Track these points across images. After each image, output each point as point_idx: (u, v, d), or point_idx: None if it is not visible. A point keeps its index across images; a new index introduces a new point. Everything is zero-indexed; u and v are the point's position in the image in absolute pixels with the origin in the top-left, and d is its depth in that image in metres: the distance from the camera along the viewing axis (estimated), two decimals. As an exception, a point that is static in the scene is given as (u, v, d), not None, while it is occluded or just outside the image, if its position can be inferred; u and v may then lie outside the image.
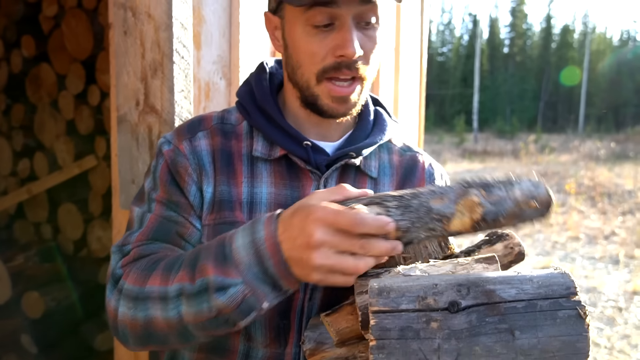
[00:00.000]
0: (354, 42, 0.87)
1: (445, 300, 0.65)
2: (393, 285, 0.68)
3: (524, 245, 0.87)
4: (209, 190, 0.96)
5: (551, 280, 0.65)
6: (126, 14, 1.41)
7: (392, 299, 0.66)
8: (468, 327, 0.63)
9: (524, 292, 0.64)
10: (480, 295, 0.64)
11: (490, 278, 0.67)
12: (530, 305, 0.63)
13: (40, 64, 3.03)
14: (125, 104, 1.44)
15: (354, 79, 0.92)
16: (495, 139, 29.19)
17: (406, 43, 2.47)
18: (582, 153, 19.94)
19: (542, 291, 0.63)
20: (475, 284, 0.65)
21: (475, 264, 0.75)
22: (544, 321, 0.62)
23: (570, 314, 0.62)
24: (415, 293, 0.66)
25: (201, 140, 1.00)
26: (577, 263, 6.49)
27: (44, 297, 2.79)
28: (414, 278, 0.69)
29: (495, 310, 0.63)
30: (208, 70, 1.50)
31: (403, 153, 1.10)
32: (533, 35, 53.03)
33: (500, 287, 0.65)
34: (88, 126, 2.90)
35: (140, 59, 1.39)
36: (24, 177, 3.16)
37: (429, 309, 0.65)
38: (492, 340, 0.62)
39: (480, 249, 0.87)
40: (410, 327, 0.64)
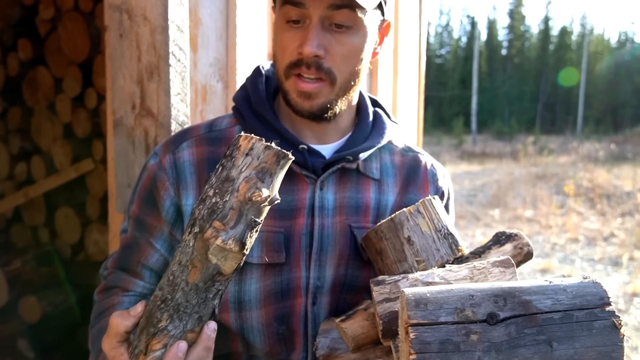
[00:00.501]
0: (312, 42, 0.90)
1: (483, 312, 0.64)
2: (430, 297, 0.67)
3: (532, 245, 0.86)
4: (188, 203, 0.96)
5: (585, 290, 0.65)
6: (122, 17, 1.40)
7: (430, 311, 0.65)
8: (507, 339, 0.63)
9: (559, 303, 0.64)
10: (518, 307, 0.64)
11: (525, 288, 0.67)
12: (566, 316, 0.63)
13: (37, 67, 3.02)
14: (121, 107, 1.43)
15: (321, 80, 0.94)
16: (493, 140, 29.19)
17: (404, 45, 2.47)
18: (581, 154, 19.94)
19: (577, 301, 0.64)
20: (511, 295, 0.66)
21: (492, 267, 0.76)
22: (581, 332, 0.63)
23: (606, 324, 0.63)
24: (453, 305, 0.66)
25: (184, 151, 1.00)
26: (577, 265, 6.48)
27: (41, 301, 2.77)
28: (451, 288, 0.68)
29: (533, 322, 0.63)
30: (205, 73, 1.49)
31: (405, 153, 1.10)
32: (531, 37, 53.10)
33: (536, 298, 0.65)
34: (85, 129, 2.89)
35: (137, 62, 1.38)
36: (21, 180, 3.15)
37: (468, 321, 0.64)
38: (531, 352, 0.63)
39: (490, 249, 0.87)
40: (450, 340, 0.64)
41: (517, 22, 51.80)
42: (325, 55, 0.92)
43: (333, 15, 0.90)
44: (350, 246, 0.97)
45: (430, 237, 0.89)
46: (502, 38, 53.35)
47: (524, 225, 8.53)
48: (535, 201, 10.38)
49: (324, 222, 0.97)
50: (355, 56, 0.94)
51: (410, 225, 0.89)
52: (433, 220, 0.90)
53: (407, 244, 0.88)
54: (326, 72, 0.93)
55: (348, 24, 0.91)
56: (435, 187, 1.07)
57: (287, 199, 0.97)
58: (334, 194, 0.99)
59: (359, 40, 0.93)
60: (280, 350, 0.96)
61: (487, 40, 52.52)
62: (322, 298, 0.96)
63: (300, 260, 0.95)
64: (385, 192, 1.03)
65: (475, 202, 10.45)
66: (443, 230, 0.90)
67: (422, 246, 0.88)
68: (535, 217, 9.12)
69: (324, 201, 0.98)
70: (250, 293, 0.94)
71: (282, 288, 0.95)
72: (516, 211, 9.52)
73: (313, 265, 0.95)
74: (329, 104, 0.95)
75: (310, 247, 0.95)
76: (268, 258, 0.94)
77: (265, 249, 0.94)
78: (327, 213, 0.98)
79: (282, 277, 0.95)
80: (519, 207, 9.90)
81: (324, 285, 0.96)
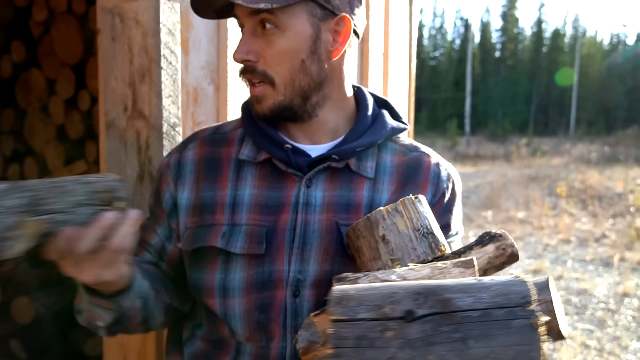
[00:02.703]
0: (240, 48, 0.98)
1: (402, 309, 0.65)
2: (353, 294, 0.68)
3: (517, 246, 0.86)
4: (184, 197, 1.07)
5: (509, 288, 0.64)
6: (114, 20, 1.42)
7: (350, 307, 0.67)
8: (422, 336, 0.63)
9: (480, 301, 0.63)
10: (437, 304, 0.64)
11: (449, 286, 0.67)
12: (485, 314, 0.63)
13: (30, 69, 3.03)
14: (113, 109, 1.44)
15: (262, 82, 0.99)
16: (487, 142, 29.31)
17: (395, 48, 2.49)
18: (574, 156, 20.07)
19: (498, 300, 0.63)
20: (433, 293, 0.66)
21: (453, 267, 0.75)
22: (498, 330, 0.62)
23: (525, 323, 0.61)
24: (374, 302, 0.66)
25: (190, 151, 1.10)
26: (568, 265, 6.53)
27: (33, 302, 2.78)
28: (377, 286, 0.70)
29: (451, 320, 0.63)
30: (196, 76, 1.51)
31: (407, 153, 1.09)
32: (524, 39, 53.38)
33: (457, 296, 0.65)
34: (78, 131, 2.90)
35: (129, 65, 1.40)
36: (14, 182, 3.15)
37: (385, 318, 0.65)
38: (445, 349, 0.62)
39: (471, 249, 0.85)
40: (366, 335, 0.65)
41: (510, 24, 52.08)
42: (259, 59, 0.97)
43: (258, 21, 0.95)
44: (337, 243, 1.00)
45: (407, 236, 0.89)
46: (496, 40, 53.63)
47: (516, 226, 8.58)
48: (528, 202, 10.44)
49: (308, 218, 1.00)
50: (288, 56, 0.96)
51: (387, 224, 0.89)
52: (412, 219, 0.90)
53: (382, 243, 0.89)
54: (261, 75, 0.98)
55: (271, 26, 0.95)
56: (435, 187, 1.06)
57: (275, 196, 1.01)
58: (322, 191, 1.01)
59: (287, 41, 0.95)
60: (260, 338, 1.00)
61: (480, 43, 52.77)
62: (305, 291, 0.99)
63: (284, 254, 0.99)
64: (379, 190, 1.03)
65: (469, 203, 10.51)
66: (422, 230, 0.90)
67: (398, 245, 0.89)
68: (528, 218, 9.18)
69: (311, 198, 1.01)
70: (234, 282, 1.00)
71: (263, 279, 0.99)
72: (509, 212, 9.58)
73: (294, 259, 0.99)
74: (279, 105, 0.99)
75: (293, 241, 0.99)
76: (248, 249, 0.98)
77: (248, 241, 0.99)
78: (314, 210, 1.00)
79: (264, 269, 0.99)
80: (511, 208, 9.97)
81: (307, 279, 0.98)
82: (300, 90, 0.99)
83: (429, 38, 54.26)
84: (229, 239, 1.00)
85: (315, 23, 0.97)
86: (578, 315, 4.93)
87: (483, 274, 0.83)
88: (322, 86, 1.01)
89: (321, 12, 0.97)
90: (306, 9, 0.95)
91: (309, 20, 0.96)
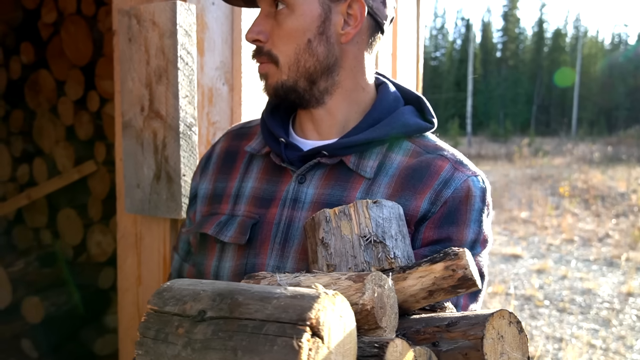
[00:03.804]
0: (251, 28, 0.97)
1: (197, 308, 0.62)
2: (174, 287, 0.67)
3: (473, 269, 0.72)
4: (203, 187, 1.11)
5: (295, 302, 0.57)
6: (131, 22, 1.44)
7: (164, 299, 0.66)
8: (203, 339, 0.60)
9: (261, 312, 0.58)
10: (226, 308, 0.60)
11: (248, 291, 0.61)
12: (258, 326, 0.57)
13: (39, 70, 3.05)
14: (130, 109, 1.46)
15: (267, 62, 0.99)
16: (489, 142, 29.30)
17: (403, 49, 2.51)
18: (576, 156, 20.05)
19: (277, 313, 0.56)
20: (229, 295, 0.61)
21: (344, 280, 0.69)
22: (263, 346, 0.56)
23: (288, 342, 0.54)
24: (182, 297, 0.64)
25: (219, 145, 1.16)
26: (572, 265, 6.54)
27: (44, 301, 2.80)
28: (197, 283, 0.67)
29: (230, 326, 0.59)
30: (211, 76, 1.53)
31: (421, 155, 0.99)
32: (525, 39, 53.33)
33: (250, 303, 0.59)
34: (87, 132, 2.92)
35: (145, 66, 1.42)
36: (23, 182, 3.18)
37: (182, 315, 0.63)
38: (217, 356, 0.58)
39: (419, 266, 0.75)
40: (163, 329, 0.64)
41: (511, 24, 52.03)
42: (268, 40, 0.98)
43: (271, 1, 0.96)
44: None
45: (350, 242, 0.81)
46: (497, 40, 53.57)
47: (519, 226, 8.59)
48: (530, 202, 10.45)
49: (294, 215, 0.98)
50: (294, 36, 0.95)
51: (330, 227, 0.83)
52: (360, 224, 0.82)
53: (321, 246, 0.83)
54: (266, 55, 0.98)
55: (283, 6, 0.95)
56: (436, 194, 0.93)
57: (271, 189, 1.02)
58: (315, 188, 0.98)
59: (295, 20, 0.95)
60: None
61: (481, 43, 52.72)
62: (287, 264, 0.97)
63: (268, 248, 0.99)
64: (373, 192, 0.96)
65: (471, 203, 10.48)
66: (371, 237, 0.81)
67: (338, 250, 0.81)
68: (531, 218, 9.18)
69: (300, 194, 0.99)
70: (224, 270, 1.02)
71: (246, 270, 0.99)
72: (512, 212, 9.59)
73: (275, 254, 0.98)
74: (282, 85, 0.98)
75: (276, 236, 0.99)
76: (234, 239, 0.99)
77: (237, 231, 1.00)
78: (301, 207, 0.98)
79: (249, 260, 0.99)
80: (514, 208, 9.97)
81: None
82: (305, 71, 0.97)
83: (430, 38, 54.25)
84: (223, 227, 1.01)
85: (325, 3, 0.95)
86: (583, 315, 4.94)
87: (429, 296, 0.73)
88: (332, 71, 0.98)
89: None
90: None
91: (319, 0, 0.95)
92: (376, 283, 0.67)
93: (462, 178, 0.95)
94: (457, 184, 0.94)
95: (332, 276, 0.71)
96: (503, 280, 5.94)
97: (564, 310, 5.06)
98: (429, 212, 0.93)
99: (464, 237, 0.93)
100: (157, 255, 1.50)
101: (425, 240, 0.93)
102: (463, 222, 0.93)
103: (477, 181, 0.96)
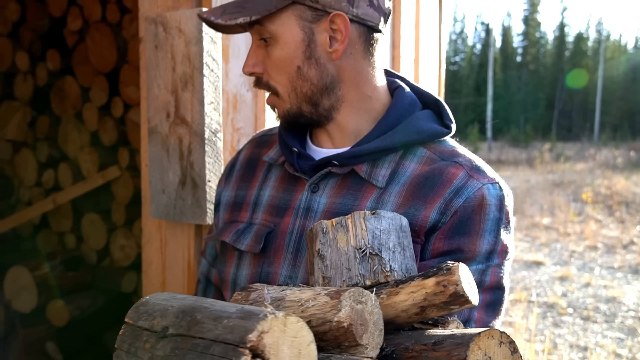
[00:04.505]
0: (246, 62, 0.98)
1: (163, 324, 0.62)
2: (150, 301, 0.67)
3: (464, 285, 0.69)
4: (226, 194, 1.13)
5: (243, 323, 0.55)
6: (157, 29, 1.45)
7: (139, 313, 0.66)
8: (163, 355, 0.60)
9: (212, 331, 0.56)
10: (185, 325, 0.60)
11: (207, 309, 0.60)
12: (207, 346, 0.55)
13: (64, 77, 3.10)
14: (156, 115, 1.48)
15: (271, 94, 1.00)
16: (509, 147, 29.02)
17: (425, 54, 2.50)
18: (599, 161, 19.76)
19: (225, 333, 0.55)
20: (190, 313, 0.60)
21: (323, 295, 0.68)
22: None
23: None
24: (153, 312, 0.65)
25: (243, 152, 1.17)
26: (596, 273, 6.43)
27: (68, 305, 2.84)
28: (169, 298, 0.67)
29: (185, 344, 0.58)
30: (235, 83, 1.54)
31: (435, 162, 0.96)
32: (546, 43, 52.81)
33: (204, 321, 0.58)
34: (111, 137, 2.96)
35: (171, 72, 1.43)
36: (49, 187, 3.23)
37: (150, 330, 0.63)
38: None
39: (412, 281, 0.73)
40: (134, 343, 0.64)
41: (532, 28, 51.56)
42: (264, 70, 0.98)
43: (254, 33, 0.96)
44: None
45: (345, 254, 0.79)
46: (517, 45, 53.10)
47: (541, 232, 8.48)
48: (552, 208, 10.32)
49: (306, 224, 0.97)
50: (283, 66, 0.95)
51: (327, 239, 0.81)
52: (357, 236, 0.80)
53: (317, 258, 0.82)
54: (266, 86, 0.99)
55: (266, 37, 0.94)
56: (446, 204, 0.90)
57: (286, 198, 1.02)
58: (327, 197, 0.97)
59: (280, 50, 0.94)
60: None
61: (501, 47, 52.30)
62: (300, 273, 0.97)
63: (281, 257, 0.98)
64: (384, 202, 0.93)
65: (492, 209, 10.38)
66: (367, 250, 0.79)
67: (334, 263, 0.80)
68: (553, 224, 9.06)
69: (313, 204, 0.98)
70: (241, 277, 1.02)
71: (261, 279, 0.99)
72: (533, 219, 9.47)
73: (287, 263, 0.97)
74: (289, 113, 0.98)
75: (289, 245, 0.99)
76: (249, 247, 1.00)
77: (253, 239, 1.01)
78: (314, 216, 0.97)
79: (263, 269, 1.00)
80: (536, 214, 9.85)
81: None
82: (304, 96, 0.96)
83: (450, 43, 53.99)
84: (240, 235, 1.02)
85: (306, 26, 0.92)
86: (607, 324, 4.85)
87: (421, 311, 0.71)
88: (332, 89, 0.96)
89: (311, 14, 0.92)
90: (295, 13, 0.92)
91: (299, 25, 0.92)
92: (355, 299, 0.65)
93: (476, 186, 0.91)
94: (469, 192, 0.91)
95: (315, 291, 0.70)
96: (525, 288, 5.86)
97: (588, 319, 4.97)
98: (438, 222, 0.90)
99: (477, 248, 0.89)
100: (181, 260, 1.51)
101: (435, 251, 0.91)
102: (476, 233, 0.90)
103: (494, 189, 0.92)
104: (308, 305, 0.67)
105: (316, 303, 0.66)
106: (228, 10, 0.94)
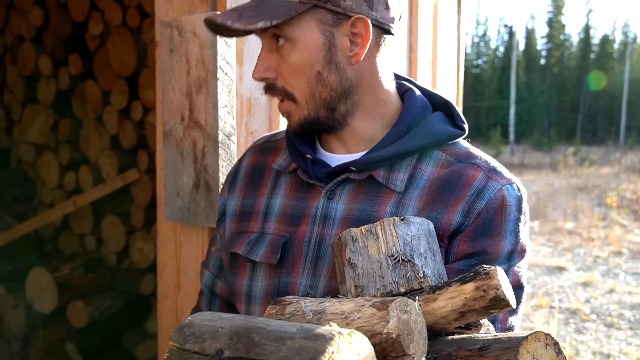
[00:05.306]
0: (257, 67, 0.94)
1: (216, 346, 0.61)
2: (194, 322, 0.66)
3: (506, 288, 0.69)
4: (231, 204, 1.09)
5: (311, 344, 0.53)
6: (172, 33, 1.46)
7: (185, 336, 0.65)
8: None
9: (275, 353, 0.55)
10: (242, 347, 0.59)
11: (264, 330, 0.59)
12: None
13: (86, 81, 3.15)
14: (170, 119, 1.49)
15: (284, 100, 0.96)
16: (532, 151, 28.68)
17: (443, 57, 2.48)
18: (624, 165, 19.40)
19: (291, 355, 0.54)
20: (246, 334, 0.60)
21: (368, 307, 0.66)
22: None
23: None
24: (202, 335, 0.64)
25: (245, 159, 1.13)
26: (620, 279, 6.30)
27: (88, 306, 2.87)
28: (217, 319, 0.66)
29: None
30: (250, 86, 1.54)
31: (452, 164, 0.95)
32: (571, 46, 52.09)
33: (265, 343, 0.57)
34: (131, 140, 2.99)
35: (186, 76, 1.44)
36: (70, 190, 3.28)
37: (202, 353, 0.62)
38: None
39: (449, 286, 0.72)
40: None
41: (556, 31, 50.92)
42: (277, 76, 0.94)
43: (270, 36, 0.92)
44: None
45: (377, 262, 0.78)
46: (541, 47, 52.49)
47: (564, 237, 8.35)
48: (576, 213, 10.15)
49: (325, 232, 0.95)
50: (303, 70, 0.92)
51: (357, 247, 0.80)
52: (387, 243, 0.79)
53: (348, 266, 0.80)
54: (281, 92, 0.95)
55: (283, 40, 0.91)
56: (469, 206, 0.90)
57: (300, 206, 0.99)
58: (345, 204, 0.95)
59: (299, 54, 0.90)
60: None
61: (525, 50, 51.77)
62: (320, 281, 0.95)
63: (299, 267, 0.96)
64: (404, 206, 0.92)
65: (514, 213, 10.25)
66: (399, 257, 0.78)
67: (366, 271, 0.79)
68: (577, 229, 8.91)
69: (331, 211, 0.96)
70: (256, 289, 1.00)
71: (279, 290, 0.97)
72: (557, 223, 9.33)
73: (307, 273, 0.95)
74: (305, 119, 0.95)
75: (307, 254, 0.97)
76: (265, 258, 0.97)
77: (268, 250, 0.98)
78: (332, 223, 0.95)
79: (281, 280, 0.97)
80: (559, 219, 9.70)
81: (317, 295, 0.94)
82: (322, 102, 0.94)
83: (473, 46, 53.59)
84: (253, 246, 0.99)
85: (327, 30, 0.90)
86: (632, 330, 4.75)
87: (460, 317, 0.71)
88: (349, 94, 0.95)
89: (332, 18, 0.90)
90: (315, 17, 0.90)
91: (320, 29, 0.90)
92: (401, 309, 0.64)
93: (496, 187, 0.91)
94: (490, 194, 0.91)
95: (357, 302, 0.69)
96: (547, 293, 5.77)
97: (611, 325, 4.87)
98: (462, 224, 0.90)
99: (499, 249, 0.90)
100: (195, 263, 1.52)
101: (459, 254, 0.90)
102: (499, 234, 0.90)
103: (513, 189, 0.92)
104: (353, 317, 0.67)
105: (362, 315, 0.66)
106: (244, 14, 0.90)
